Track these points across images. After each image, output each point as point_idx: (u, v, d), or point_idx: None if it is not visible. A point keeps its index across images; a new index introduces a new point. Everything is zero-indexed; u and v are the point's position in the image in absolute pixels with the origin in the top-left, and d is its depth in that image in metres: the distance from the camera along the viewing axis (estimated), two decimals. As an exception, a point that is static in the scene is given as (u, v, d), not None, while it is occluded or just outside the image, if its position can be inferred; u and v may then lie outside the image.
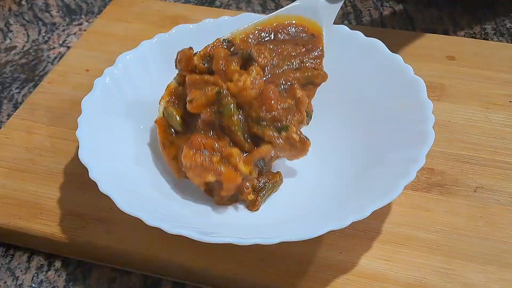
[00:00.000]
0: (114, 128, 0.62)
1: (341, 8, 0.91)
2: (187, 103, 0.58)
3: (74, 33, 0.90)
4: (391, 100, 0.62)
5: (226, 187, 0.56)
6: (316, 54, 0.62)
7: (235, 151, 0.56)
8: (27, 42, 0.89)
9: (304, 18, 0.64)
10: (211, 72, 0.59)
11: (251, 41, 0.62)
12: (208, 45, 0.61)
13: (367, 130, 0.63)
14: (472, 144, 0.66)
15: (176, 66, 0.61)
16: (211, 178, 0.56)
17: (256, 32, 0.63)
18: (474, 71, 0.74)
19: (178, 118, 0.60)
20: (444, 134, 0.66)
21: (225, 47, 0.61)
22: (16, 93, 0.80)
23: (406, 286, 0.53)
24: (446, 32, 0.86)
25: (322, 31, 0.64)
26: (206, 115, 0.57)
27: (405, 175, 0.53)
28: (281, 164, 0.62)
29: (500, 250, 0.56)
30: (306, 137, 0.57)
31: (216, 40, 0.62)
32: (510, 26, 0.86)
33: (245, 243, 0.49)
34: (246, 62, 0.58)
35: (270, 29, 0.63)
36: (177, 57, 0.60)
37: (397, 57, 0.64)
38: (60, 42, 0.88)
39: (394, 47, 0.66)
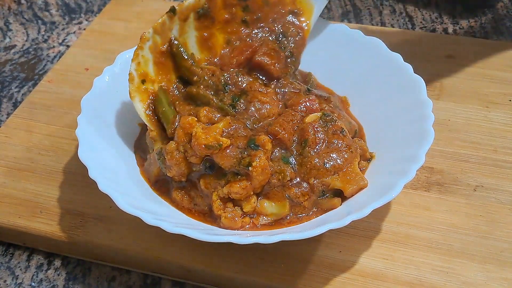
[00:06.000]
0: (113, 127, 0.62)
1: (341, 7, 0.92)
2: None
3: (74, 32, 0.90)
4: (391, 99, 0.62)
5: None
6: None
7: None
8: (26, 41, 0.89)
9: None
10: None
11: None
12: None
13: (366, 129, 0.63)
14: (472, 142, 0.66)
15: None
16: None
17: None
18: (474, 70, 0.74)
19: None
20: (443, 133, 0.66)
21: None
22: (16, 92, 0.80)
23: (406, 285, 0.53)
24: (445, 31, 0.86)
25: (313, 11, 0.64)
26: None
27: (405, 174, 0.52)
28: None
29: (499, 248, 0.56)
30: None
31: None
32: (509, 25, 0.86)
33: (245, 242, 0.49)
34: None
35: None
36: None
37: (397, 56, 0.64)
38: (60, 41, 0.88)
39: (394, 46, 0.66)
